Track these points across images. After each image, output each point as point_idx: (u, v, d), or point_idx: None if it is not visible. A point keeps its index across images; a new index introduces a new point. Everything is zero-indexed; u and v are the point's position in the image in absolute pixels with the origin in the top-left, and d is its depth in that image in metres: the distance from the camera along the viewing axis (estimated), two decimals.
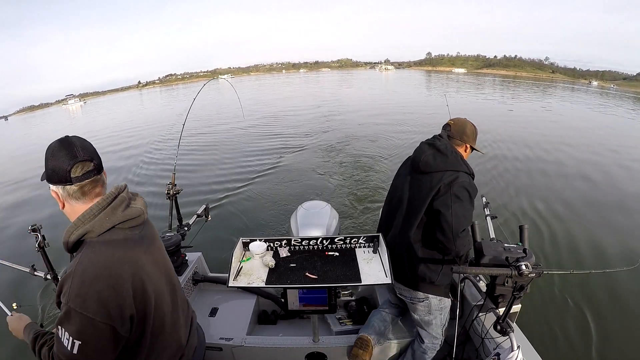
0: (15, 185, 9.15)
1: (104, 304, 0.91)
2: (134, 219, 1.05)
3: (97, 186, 1.02)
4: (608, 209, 5.62)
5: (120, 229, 1.01)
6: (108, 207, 1.00)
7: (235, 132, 13.15)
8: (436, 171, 1.65)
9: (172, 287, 1.19)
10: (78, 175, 0.97)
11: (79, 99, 77.80)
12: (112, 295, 0.92)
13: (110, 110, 38.05)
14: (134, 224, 1.05)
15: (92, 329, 0.90)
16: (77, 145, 0.99)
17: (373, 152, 9.00)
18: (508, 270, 1.43)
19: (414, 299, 1.80)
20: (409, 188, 1.78)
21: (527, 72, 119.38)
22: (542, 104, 22.43)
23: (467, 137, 1.79)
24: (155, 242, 1.15)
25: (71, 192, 0.98)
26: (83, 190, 0.99)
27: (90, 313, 0.89)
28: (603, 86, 64.90)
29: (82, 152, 0.98)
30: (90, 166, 1.00)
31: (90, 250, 0.96)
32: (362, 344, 1.88)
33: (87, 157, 0.99)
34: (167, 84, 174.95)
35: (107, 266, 0.94)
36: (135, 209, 1.06)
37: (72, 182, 0.97)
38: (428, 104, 19.63)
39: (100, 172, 1.04)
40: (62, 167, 0.96)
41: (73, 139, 1.00)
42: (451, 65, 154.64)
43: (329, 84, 46.20)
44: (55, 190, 1.00)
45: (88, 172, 0.99)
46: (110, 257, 0.96)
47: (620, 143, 10.51)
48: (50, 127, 28.41)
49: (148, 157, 10.30)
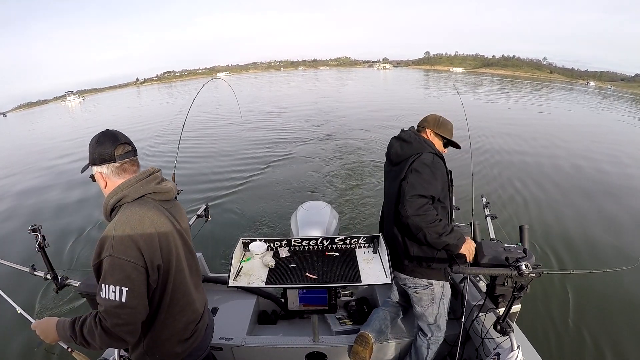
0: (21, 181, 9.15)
1: (141, 252, 1.07)
2: (164, 193, 1.24)
3: (134, 164, 1.22)
4: (608, 209, 5.63)
5: (152, 199, 1.20)
6: (144, 180, 1.19)
7: (235, 132, 13.13)
8: (405, 159, 1.76)
9: (193, 259, 1.36)
10: (121, 154, 1.17)
11: (77, 96, 77.52)
12: (146, 245, 1.09)
13: (109, 107, 38.05)
14: (164, 197, 1.24)
15: (137, 274, 1.06)
16: (117, 133, 1.20)
17: (373, 152, 8.99)
18: (508, 270, 1.44)
19: (418, 287, 1.83)
20: (389, 181, 1.88)
21: (525, 72, 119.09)
22: (539, 103, 22.46)
23: (428, 122, 1.89)
24: (182, 218, 1.33)
25: (114, 169, 1.17)
26: (124, 166, 1.18)
27: (133, 259, 1.05)
28: (601, 87, 65.28)
29: (122, 138, 1.19)
30: (129, 148, 1.20)
31: (126, 210, 1.13)
32: (363, 341, 1.88)
33: (126, 141, 1.20)
34: (165, 81, 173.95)
35: (141, 221, 1.11)
36: (166, 186, 1.26)
37: (116, 160, 1.16)
38: (429, 102, 19.65)
39: (136, 154, 1.24)
40: (108, 148, 1.15)
41: (113, 130, 1.21)
42: (449, 65, 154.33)
43: (327, 82, 46.16)
44: (99, 171, 1.18)
45: (127, 152, 1.19)
46: (144, 215, 1.13)
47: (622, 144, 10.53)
48: (53, 123, 28.20)
49: (148, 158, 10.29)
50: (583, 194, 6.25)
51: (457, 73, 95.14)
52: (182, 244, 1.28)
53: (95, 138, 1.18)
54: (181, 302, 1.25)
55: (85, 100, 69.00)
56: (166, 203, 1.26)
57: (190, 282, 1.31)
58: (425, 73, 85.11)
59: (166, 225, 1.19)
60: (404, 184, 1.64)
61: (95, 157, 1.17)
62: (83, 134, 17.05)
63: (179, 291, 1.23)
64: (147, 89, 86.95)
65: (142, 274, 1.07)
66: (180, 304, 1.24)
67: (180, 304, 1.24)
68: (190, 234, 1.39)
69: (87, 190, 7.35)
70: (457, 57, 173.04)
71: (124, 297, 1.02)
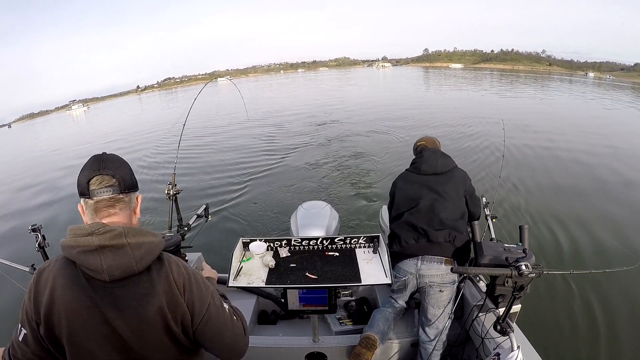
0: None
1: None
2: (88, 270, 0.86)
3: (114, 206, 0.92)
4: (609, 208, 5.62)
5: (79, 268, 0.88)
6: (73, 239, 0.87)
7: (235, 132, 13.17)
8: (450, 169, 2.10)
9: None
10: (94, 189, 0.89)
11: (82, 105, 78.12)
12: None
13: (113, 115, 38.18)
14: (90, 274, 0.87)
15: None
16: (104, 160, 0.93)
17: (373, 152, 9.00)
18: (508, 270, 1.44)
19: (446, 283, 1.91)
20: (435, 186, 2.05)
21: (524, 66, 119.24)
22: (539, 97, 22.47)
23: (436, 146, 2.28)
24: (122, 315, 0.88)
25: (89, 208, 0.91)
26: (97, 206, 0.90)
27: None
28: (600, 77, 65.85)
29: (105, 165, 0.92)
30: (110, 181, 0.90)
31: (58, 258, 0.92)
32: (368, 343, 1.87)
33: (110, 172, 0.91)
34: (165, 87, 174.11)
35: (39, 282, 0.90)
36: (95, 262, 0.84)
37: (90, 195, 0.89)
38: (428, 101, 19.68)
39: (123, 192, 0.93)
40: (84, 178, 0.90)
41: (105, 155, 0.95)
42: (448, 61, 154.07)
43: (327, 82, 46.20)
44: (80, 205, 0.94)
45: (106, 186, 0.90)
46: (53, 274, 0.89)
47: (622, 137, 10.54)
48: (60, 133, 28.15)
49: (148, 158, 10.32)
50: (583, 193, 6.23)
51: (456, 69, 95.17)
52: (101, 341, 0.88)
53: (86, 162, 0.95)
54: None
55: (89, 109, 69.33)
56: (106, 283, 0.86)
57: None
58: (424, 70, 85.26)
59: (72, 304, 0.86)
60: (468, 189, 2.06)
61: (78, 187, 0.92)
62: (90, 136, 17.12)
63: None
64: (148, 96, 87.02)
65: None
66: None
67: None
68: (144, 340, 0.92)
69: None
70: (455, 53, 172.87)
71: (20, 336, 0.91)
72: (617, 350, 2.96)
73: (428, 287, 1.94)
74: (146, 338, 0.92)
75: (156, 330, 0.92)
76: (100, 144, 14.41)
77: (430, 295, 1.93)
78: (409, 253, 1.96)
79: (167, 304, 0.92)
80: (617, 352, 2.94)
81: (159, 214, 5.67)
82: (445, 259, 1.89)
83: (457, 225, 1.94)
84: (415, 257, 1.95)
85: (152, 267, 0.92)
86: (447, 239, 1.92)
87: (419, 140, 2.35)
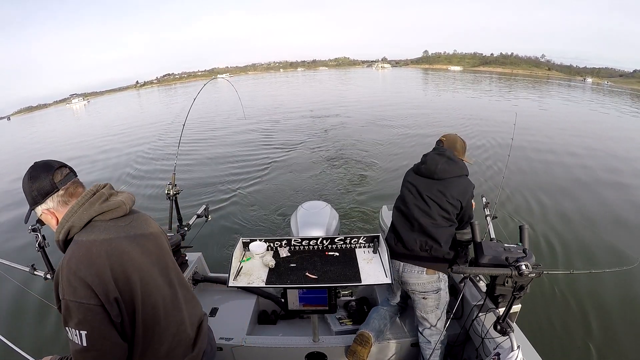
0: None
1: (92, 289, 0.95)
2: (112, 211, 1.08)
3: (78, 186, 1.10)
4: (609, 208, 5.63)
5: (100, 221, 1.06)
6: (87, 202, 1.04)
7: (235, 132, 13.14)
8: (453, 176, 1.92)
9: (168, 279, 1.18)
10: (61, 179, 1.06)
11: (82, 98, 78.24)
12: (95, 280, 0.95)
13: (113, 109, 38.09)
14: (114, 215, 1.09)
15: (91, 315, 0.95)
16: (48, 162, 1.08)
17: (373, 153, 9.00)
18: (508, 270, 1.44)
19: (428, 292, 1.89)
20: (428, 191, 1.95)
21: (523, 70, 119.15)
22: (537, 100, 22.53)
23: (458, 152, 2.05)
24: (146, 233, 1.16)
25: (60, 199, 1.05)
26: (69, 191, 1.07)
27: (84, 299, 0.94)
28: (598, 83, 66.62)
29: (55, 163, 1.08)
30: (66, 170, 1.09)
31: (73, 244, 1.02)
32: (363, 340, 1.88)
33: (61, 165, 1.09)
34: (165, 83, 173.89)
35: (87, 254, 0.98)
36: (115, 201, 1.10)
37: (58, 187, 1.05)
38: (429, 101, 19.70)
39: (76, 175, 1.12)
40: (46, 180, 1.04)
41: (42, 161, 1.09)
42: (448, 63, 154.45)
43: (327, 82, 46.18)
44: (46, 208, 1.06)
45: (67, 175, 1.08)
46: (90, 245, 1.00)
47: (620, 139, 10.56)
48: (63, 127, 28.07)
49: (148, 158, 10.30)
50: (583, 193, 6.25)
51: (455, 71, 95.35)
52: (150, 262, 1.12)
53: (26, 176, 1.05)
54: (159, 332, 1.09)
55: (89, 103, 69.35)
56: (121, 220, 1.11)
57: (170, 309, 1.14)
58: (423, 72, 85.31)
59: (120, 247, 1.04)
60: (465, 205, 1.89)
61: (34, 196, 1.04)
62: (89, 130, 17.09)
63: (154, 322, 1.08)
64: (148, 92, 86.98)
65: (98, 313, 0.95)
66: (159, 334, 1.09)
67: (159, 334, 1.09)
68: (164, 242, 1.24)
69: None
70: (455, 55, 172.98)
71: (84, 340, 0.94)
72: (618, 349, 2.97)
73: (411, 294, 1.95)
74: (163, 248, 1.21)
75: (163, 240, 1.23)
76: (101, 141, 14.37)
77: (415, 301, 1.95)
78: (393, 254, 1.94)
79: (158, 227, 1.25)
80: (617, 352, 2.95)
81: (158, 214, 5.67)
82: (426, 269, 1.87)
83: (436, 234, 1.85)
84: (398, 262, 1.93)
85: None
86: (424, 247, 1.88)
87: (443, 135, 2.16)
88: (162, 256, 1.19)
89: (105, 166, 10.00)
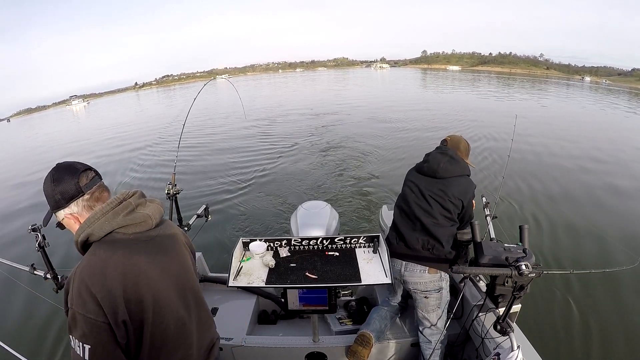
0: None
1: (100, 306, 0.90)
2: (136, 225, 1.03)
3: (104, 191, 1.06)
4: (608, 208, 5.63)
5: (121, 234, 1.00)
6: (111, 212, 0.99)
7: (235, 132, 13.15)
8: (453, 176, 1.92)
9: (185, 301, 1.12)
10: (87, 183, 1.01)
11: (82, 100, 78.26)
12: (106, 299, 0.91)
13: (112, 111, 38.10)
14: (137, 229, 1.03)
15: (97, 331, 0.91)
16: (73, 163, 1.04)
17: (373, 153, 9.00)
18: (508, 270, 1.44)
19: (430, 290, 1.89)
20: (429, 190, 1.96)
21: (521, 69, 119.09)
22: (535, 99, 22.56)
23: (461, 152, 2.06)
24: (169, 250, 1.11)
25: (86, 203, 1.01)
26: (94, 196, 1.03)
27: (92, 314, 0.90)
28: (597, 81, 66.81)
29: (80, 166, 1.04)
30: (92, 174, 1.05)
31: (90, 253, 0.98)
32: (364, 340, 1.88)
33: (86, 167, 1.05)
34: (164, 85, 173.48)
35: (102, 269, 0.94)
36: (140, 214, 1.04)
37: (84, 191, 1.01)
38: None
39: (101, 178, 1.08)
40: (71, 184, 0.99)
41: (66, 162, 1.05)
42: (446, 63, 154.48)
43: (326, 84, 46.19)
44: (69, 213, 1.02)
45: (93, 178, 1.04)
46: (107, 260, 0.95)
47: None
48: (64, 128, 28.11)
49: (148, 158, 10.30)
50: (583, 193, 6.25)
51: (453, 71, 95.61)
52: (168, 284, 1.06)
53: (48, 178, 1.00)
54: (165, 351, 1.04)
55: (89, 104, 69.40)
56: (145, 234, 1.04)
57: (182, 325, 1.09)
58: (422, 72, 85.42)
59: (138, 266, 0.98)
60: (466, 205, 1.89)
61: (57, 199, 1.00)
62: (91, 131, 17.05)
63: (161, 343, 1.03)
64: (147, 93, 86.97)
65: (104, 330, 0.91)
66: (163, 354, 1.04)
67: (163, 354, 1.04)
68: (188, 259, 1.18)
69: None
70: (454, 55, 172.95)
71: (86, 354, 0.90)
72: (618, 349, 2.97)
73: (413, 293, 1.96)
74: (185, 266, 1.15)
75: (187, 257, 1.18)
76: (101, 141, 14.36)
77: (417, 300, 1.96)
78: (394, 253, 1.95)
79: (185, 240, 1.22)
80: (617, 352, 2.95)
81: None
82: (428, 269, 1.88)
83: (438, 233, 1.87)
84: (400, 261, 1.95)
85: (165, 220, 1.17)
86: (426, 246, 1.89)
87: (448, 136, 2.17)
88: (184, 275, 1.13)
89: (107, 165, 9.99)
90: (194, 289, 1.18)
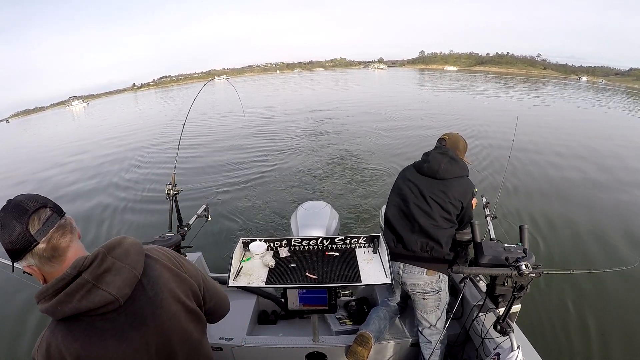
0: None
1: None
2: (97, 309, 0.80)
3: (65, 234, 0.82)
4: (608, 208, 5.64)
5: (83, 316, 0.80)
6: (61, 293, 0.77)
7: (234, 132, 13.14)
8: (453, 177, 1.92)
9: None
10: (40, 228, 0.78)
11: (81, 101, 78.28)
12: None
13: (113, 111, 38.09)
14: (100, 312, 0.81)
15: None
16: (22, 201, 0.80)
17: (374, 153, 9.01)
18: (508, 270, 1.44)
19: (428, 292, 1.90)
20: (429, 190, 1.96)
21: (519, 69, 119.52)
22: (532, 98, 22.59)
23: (460, 151, 2.05)
24: (147, 319, 0.87)
25: (42, 253, 0.78)
26: (52, 243, 0.79)
27: None
28: (594, 81, 67.74)
29: (31, 204, 0.79)
30: (47, 213, 0.80)
31: (49, 331, 0.82)
32: (363, 340, 1.88)
33: (38, 205, 0.80)
34: (162, 85, 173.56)
35: (56, 356, 0.79)
36: (101, 295, 0.79)
37: (36, 239, 0.77)
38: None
39: (61, 214, 0.84)
40: (18, 231, 0.76)
41: (16, 198, 0.81)
42: (444, 63, 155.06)
43: (324, 84, 46.20)
44: (27, 265, 0.81)
45: (48, 219, 0.80)
46: (62, 349, 0.79)
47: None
48: (64, 128, 28.08)
49: (148, 158, 10.29)
50: (583, 193, 6.25)
51: (451, 71, 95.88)
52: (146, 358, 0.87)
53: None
54: None
55: (89, 105, 69.45)
56: (111, 314, 0.82)
57: None
58: (420, 72, 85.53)
59: (102, 357, 0.81)
60: (466, 206, 1.90)
61: (9, 250, 0.78)
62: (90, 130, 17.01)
63: None
64: (145, 94, 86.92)
65: None
66: None
67: None
68: (181, 315, 0.94)
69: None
70: (451, 55, 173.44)
71: None
72: (618, 349, 2.97)
73: (411, 294, 1.96)
74: (172, 328, 0.92)
75: (178, 319, 0.93)
76: (102, 141, 14.35)
77: (415, 302, 1.96)
78: (392, 255, 1.92)
79: (175, 285, 0.94)
80: (617, 352, 2.95)
81: (158, 214, 5.67)
82: (427, 270, 1.87)
83: (437, 234, 1.86)
84: (398, 263, 1.94)
85: (146, 263, 0.91)
86: (424, 248, 1.88)
87: (445, 134, 2.13)
88: (167, 342, 0.91)
89: (106, 165, 9.99)
90: (186, 345, 0.96)
